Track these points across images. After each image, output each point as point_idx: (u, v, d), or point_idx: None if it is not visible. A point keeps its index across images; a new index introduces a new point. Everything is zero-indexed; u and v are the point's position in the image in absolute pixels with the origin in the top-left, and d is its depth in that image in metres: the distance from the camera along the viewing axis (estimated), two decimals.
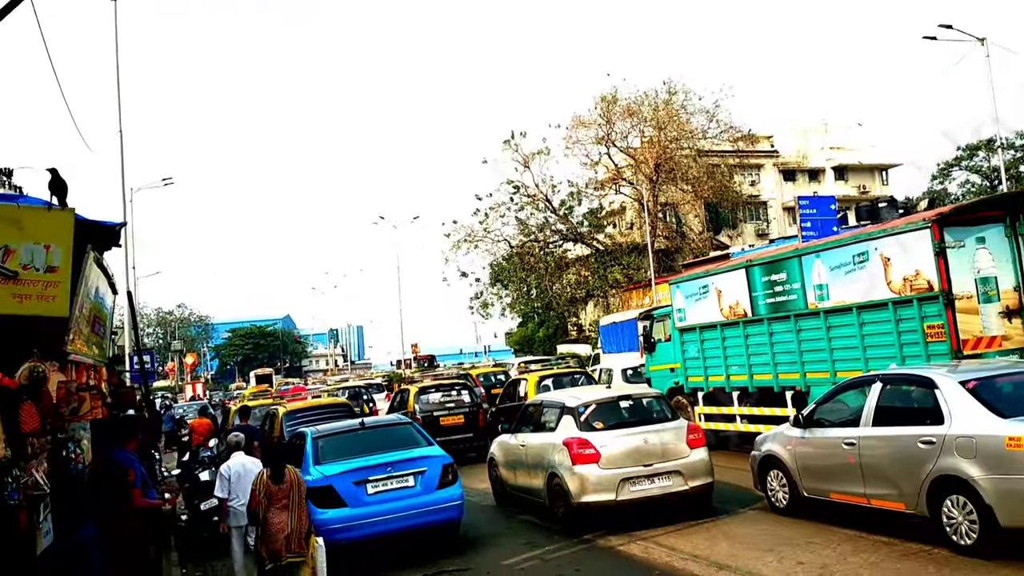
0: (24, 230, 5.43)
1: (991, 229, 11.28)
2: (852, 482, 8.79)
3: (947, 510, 7.69)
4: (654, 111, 44.89)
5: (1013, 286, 11.16)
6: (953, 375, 8.22)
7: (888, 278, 11.67)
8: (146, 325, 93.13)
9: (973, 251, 11.16)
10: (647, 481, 10.04)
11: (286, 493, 7.71)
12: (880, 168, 61.41)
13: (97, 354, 7.77)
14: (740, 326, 14.83)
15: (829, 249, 12.94)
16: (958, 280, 10.93)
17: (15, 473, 5.65)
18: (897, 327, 11.50)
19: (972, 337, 10.83)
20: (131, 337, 24.64)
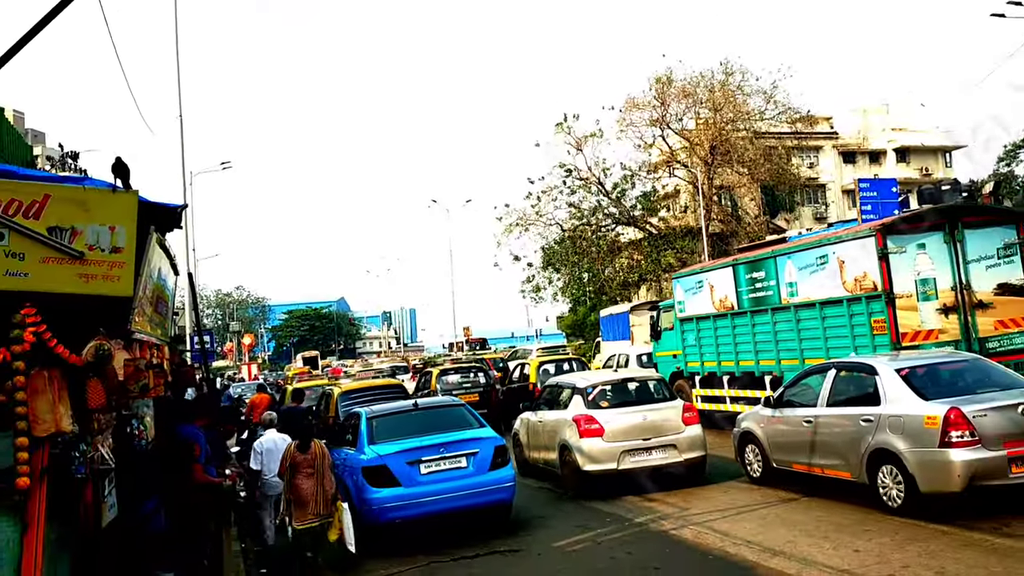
0: (90, 212, 5.55)
1: (931, 236, 12.98)
2: (810, 455, 10.25)
3: (881, 478, 9.06)
4: (710, 92, 44.16)
5: (950, 286, 12.80)
6: (891, 363, 9.64)
7: (843, 278, 13.55)
8: (206, 306, 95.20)
9: (914, 256, 12.87)
10: (645, 453, 11.43)
11: (311, 462, 8.63)
12: (944, 150, 59.60)
13: (160, 333, 7.95)
14: (729, 318, 16.73)
15: (798, 251, 14.81)
16: (899, 281, 12.68)
17: (82, 448, 5.83)
18: (850, 321, 13.32)
19: (911, 331, 12.54)
20: (192, 317, 25.22)
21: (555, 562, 8.56)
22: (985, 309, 12.99)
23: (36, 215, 5.40)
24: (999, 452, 8.22)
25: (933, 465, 8.46)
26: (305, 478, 8.59)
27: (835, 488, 10.00)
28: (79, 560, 6.12)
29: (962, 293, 12.91)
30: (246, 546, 10.39)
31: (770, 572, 7.49)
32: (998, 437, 8.30)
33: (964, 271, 12.97)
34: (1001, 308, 13.02)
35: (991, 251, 13.23)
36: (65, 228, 5.47)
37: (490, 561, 8.83)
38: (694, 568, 7.88)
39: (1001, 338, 12.86)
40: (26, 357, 5.19)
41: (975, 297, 12.97)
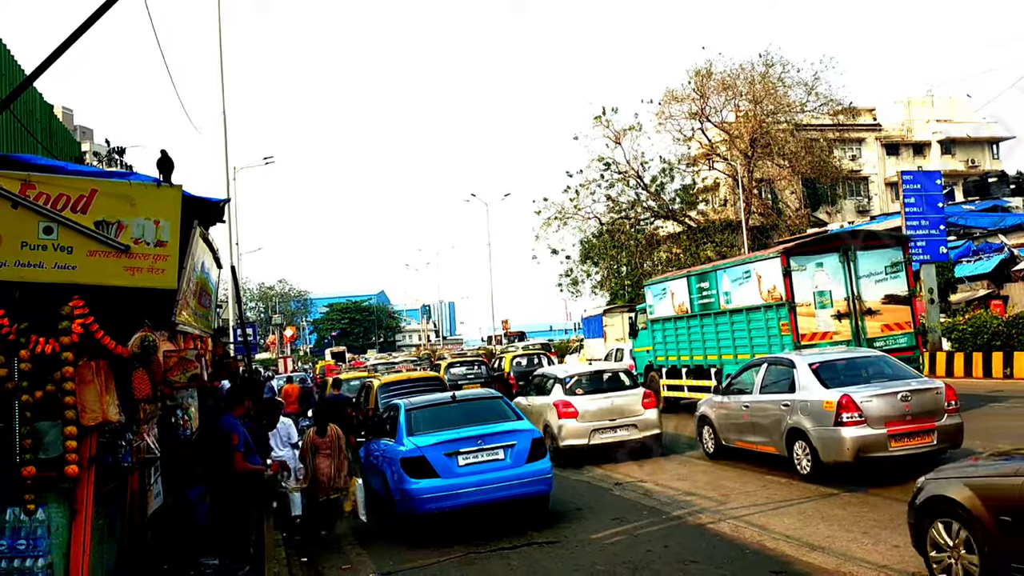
0: (135, 206, 5.66)
1: (829, 256, 16.12)
2: (748, 433, 12.52)
3: (795, 451, 11.21)
4: (750, 84, 43.66)
5: (843, 297, 15.94)
6: (806, 358, 11.86)
7: (761, 289, 16.71)
8: (248, 299, 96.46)
9: (813, 272, 15.96)
10: (612, 431, 14.02)
11: (328, 444, 10.04)
12: (991, 141, 58.24)
13: (203, 325, 8.08)
14: (685, 320, 20.04)
15: (731, 267, 18.23)
16: (800, 292, 15.80)
17: (128, 437, 5.95)
18: (766, 324, 16.49)
19: (808, 332, 15.69)
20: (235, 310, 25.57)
21: (592, 554, 8.55)
22: (873, 315, 16.07)
23: (84, 209, 5.52)
24: (881, 430, 10.28)
25: (830, 440, 10.54)
26: (323, 458, 9.99)
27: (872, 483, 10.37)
28: (126, 546, 6.25)
29: (854, 302, 15.95)
30: (285, 536, 10.52)
31: (808, 567, 7.40)
32: (881, 418, 10.34)
33: (856, 285, 16.03)
34: (887, 315, 16.14)
35: (880, 268, 16.30)
36: (111, 222, 5.59)
37: (528, 553, 8.85)
38: (732, 562, 7.81)
39: (886, 339, 15.85)
40: (74, 348, 5.31)
41: (865, 305, 16.02)
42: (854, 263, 16.13)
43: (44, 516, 5.32)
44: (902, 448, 10.30)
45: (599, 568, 8.06)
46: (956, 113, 57.46)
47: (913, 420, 10.39)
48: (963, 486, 6.05)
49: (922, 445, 10.32)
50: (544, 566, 8.35)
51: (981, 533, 5.76)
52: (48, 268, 5.44)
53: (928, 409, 10.51)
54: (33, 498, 5.27)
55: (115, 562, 6.02)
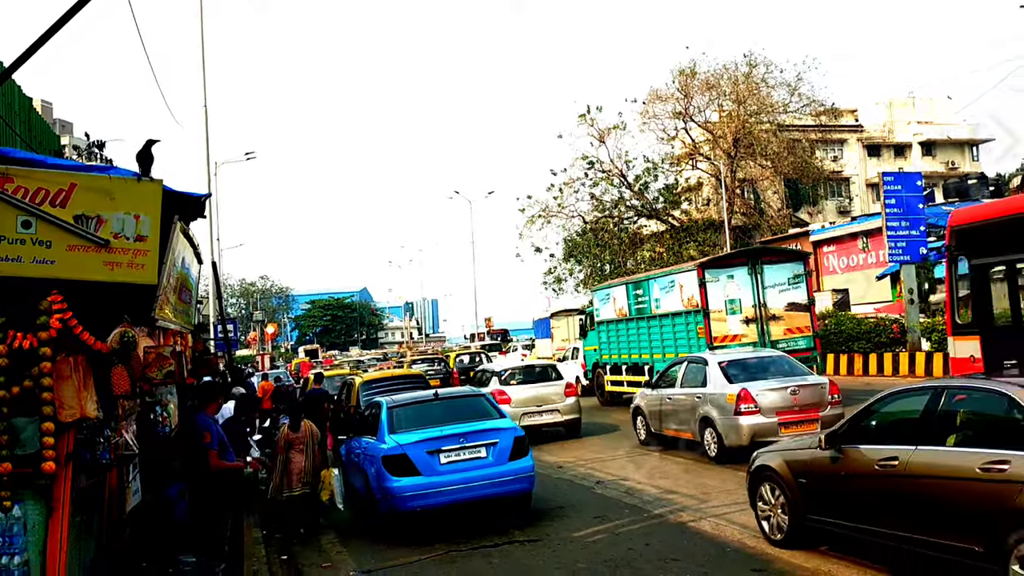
0: (115, 200, 5.59)
1: (739, 269, 18.54)
2: (671, 422, 14.44)
3: (706, 437, 13.02)
4: (734, 84, 43.88)
5: (751, 304, 18.33)
6: (716, 357, 13.91)
7: (682, 297, 19.23)
8: (229, 295, 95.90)
9: (725, 283, 18.36)
10: (538, 415, 16.75)
11: (302, 440, 10.37)
12: (970, 143, 58.80)
13: (183, 321, 8.01)
14: (624, 322, 22.58)
15: (660, 277, 20.83)
16: (713, 300, 18.25)
17: (106, 434, 5.89)
18: (687, 327, 18.96)
19: (720, 335, 18.07)
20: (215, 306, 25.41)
21: (574, 553, 8.57)
22: (777, 320, 18.52)
23: (63, 203, 5.45)
24: (773, 419, 12.06)
25: (731, 427, 12.37)
26: (296, 454, 10.31)
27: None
28: (104, 544, 6.19)
29: (760, 309, 18.36)
30: (266, 534, 10.47)
31: (789, 565, 7.44)
32: (773, 408, 12.15)
33: (762, 294, 18.39)
34: (789, 320, 18.56)
35: (783, 280, 18.71)
36: (91, 216, 5.52)
37: (510, 551, 8.85)
38: (713, 560, 7.84)
39: (788, 341, 18.27)
40: (52, 344, 5.24)
41: (769, 312, 18.44)
42: (761, 275, 18.60)
43: (20, 513, 5.26)
44: (790, 434, 11.58)
45: (581, 566, 8.08)
46: (937, 115, 57.99)
47: (800, 411, 12.23)
48: (778, 457, 8.07)
49: (808, 432, 11.20)
50: (526, 564, 8.35)
51: (787, 492, 7.80)
52: (26, 263, 5.37)
53: (814, 401, 12.37)
54: (9, 495, 5.20)
55: (93, 559, 5.96)
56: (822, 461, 7.38)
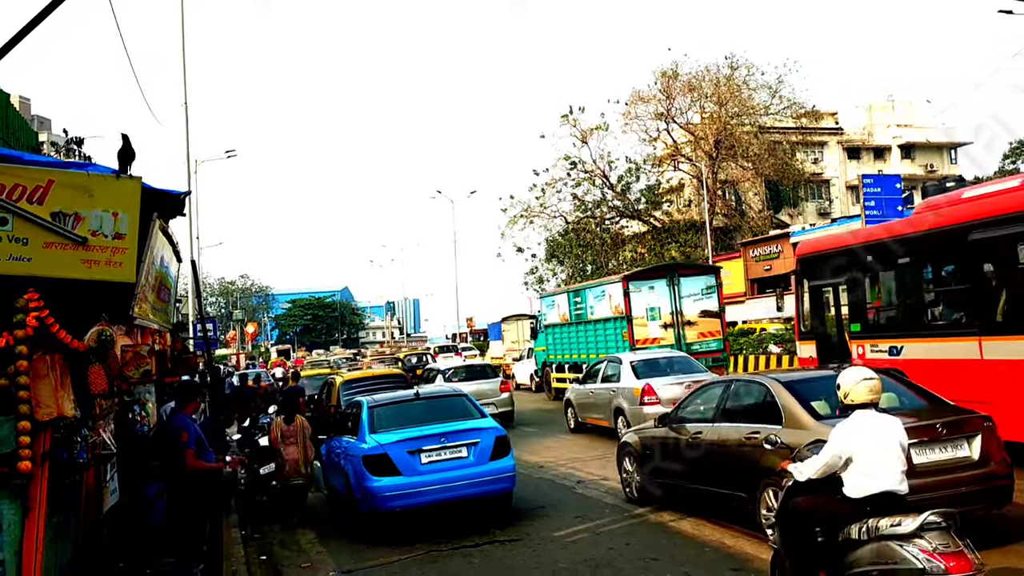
0: (93, 197, 5.54)
1: (659, 281, 21.45)
2: (593, 412, 17.04)
3: (618, 424, 15.15)
4: (715, 86, 44.12)
5: (669, 312, 21.14)
6: (629, 357, 16.55)
7: (611, 305, 21.99)
8: (209, 294, 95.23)
9: (646, 293, 21.15)
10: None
11: (294, 433, 11.12)
12: (949, 146, 59.44)
13: (162, 320, 7.96)
14: (566, 326, 25.60)
15: (595, 287, 23.81)
16: (636, 308, 21.03)
17: (84, 433, 5.84)
18: (615, 331, 21.76)
19: (641, 338, 20.78)
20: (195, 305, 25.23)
21: (554, 552, 8.58)
22: (692, 325, 21.27)
23: (40, 200, 5.40)
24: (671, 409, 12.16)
25: (637, 416, 14.13)
26: (288, 446, 11.06)
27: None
28: (80, 545, 6.14)
29: (677, 316, 21.16)
30: (246, 534, 10.42)
31: (767, 564, 7.48)
32: (671, 400, 12.96)
33: (679, 302, 21.22)
34: (702, 325, 21.34)
35: (698, 290, 21.51)
36: (68, 214, 5.48)
37: (490, 551, 8.85)
38: (692, 560, 7.87)
39: (701, 343, 21.18)
40: (29, 342, 5.20)
41: (685, 318, 21.24)
42: (678, 286, 21.38)
43: None
44: None
45: (561, 566, 8.09)
46: (916, 118, 58.55)
47: None
48: (635, 435, 10.67)
49: None
50: (506, 564, 8.36)
51: (638, 461, 10.25)
52: (2, 260, 5.31)
53: None
54: None
55: (69, 560, 5.91)
56: (660, 437, 9.84)
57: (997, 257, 10.94)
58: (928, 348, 11.73)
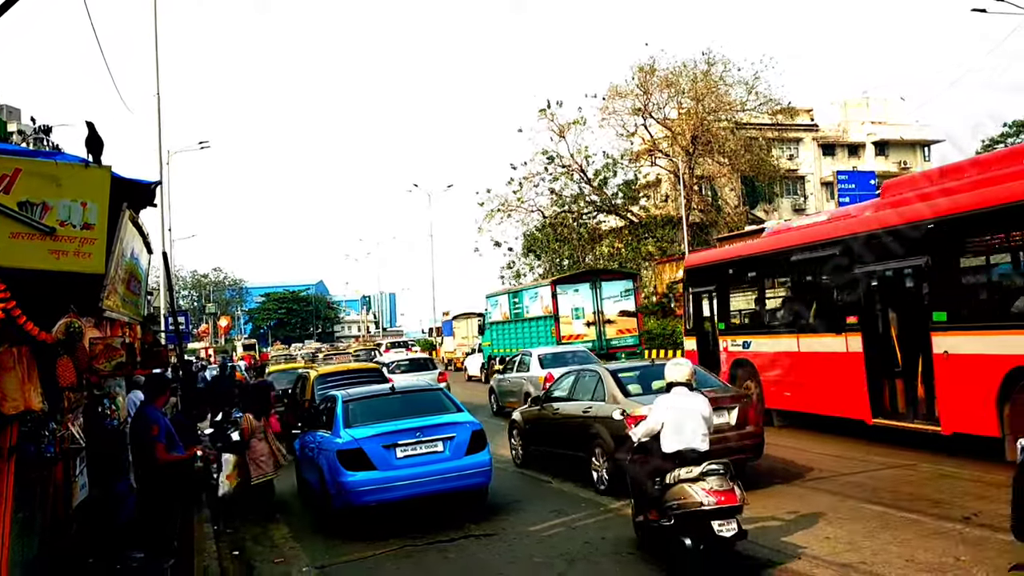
0: (62, 187, 5.44)
1: (583, 284, 25.45)
2: (509, 397, 19.61)
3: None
4: (692, 82, 44.23)
5: (592, 311, 24.87)
6: (536, 351, 19.68)
7: (543, 306, 25.74)
8: (181, 287, 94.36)
9: (572, 295, 24.96)
10: None
11: (263, 428, 11.11)
12: (922, 144, 60.12)
13: (132, 312, 7.85)
14: (507, 324, 29.47)
15: (530, 289, 27.90)
16: (563, 308, 24.93)
17: (52, 427, 5.75)
18: (545, 328, 25.44)
19: (567, 335, 24.49)
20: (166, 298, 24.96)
21: (530, 546, 8.58)
22: (611, 324, 24.84)
23: (6, 190, 5.29)
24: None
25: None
26: (258, 441, 10.98)
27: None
28: (48, 540, 6.05)
29: (598, 315, 24.86)
30: (218, 529, 10.33)
31: (739, 557, 7.52)
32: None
33: (600, 303, 25.00)
34: (620, 323, 25.10)
35: (617, 293, 25.24)
36: (36, 203, 5.37)
37: (465, 545, 8.83)
38: (665, 553, 7.88)
39: (619, 339, 24.97)
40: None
41: (605, 317, 24.87)
42: (599, 289, 25.18)
43: None
44: None
45: (536, 560, 8.09)
46: (890, 115, 59.15)
47: None
48: (519, 413, 13.54)
49: None
50: (481, 559, 8.35)
51: (522, 434, 13.19)
52: None
53: None
54: None
55: (36, 556, 5.82)
56: (535, 413, 12.69)
57: (809, 274, 14.06)
58: (767, 342, 14.94)
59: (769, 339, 14.84)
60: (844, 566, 7.00)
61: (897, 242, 11.59)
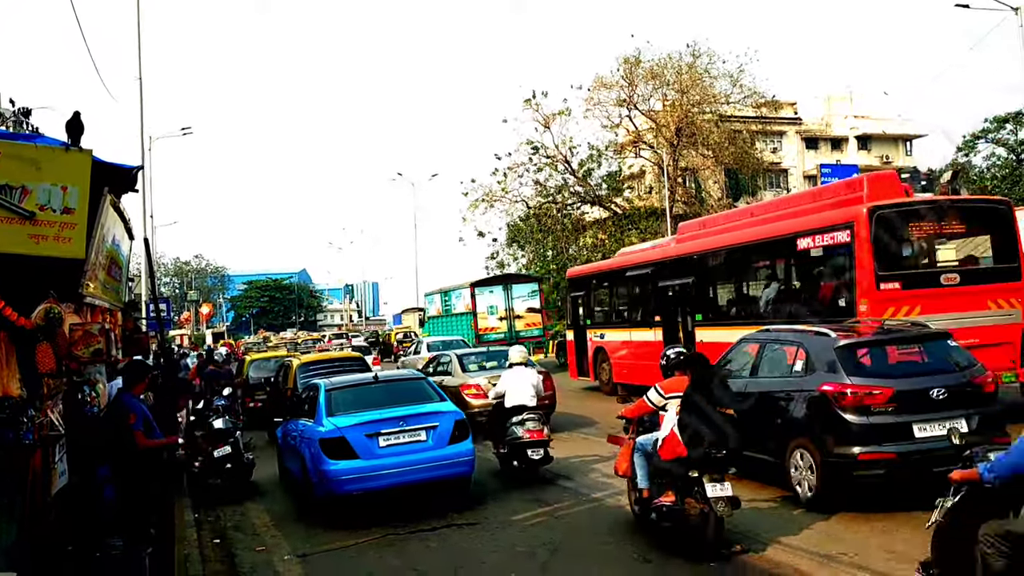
0: (41, 170, 5.36)
1: (497, 287, 31.22)
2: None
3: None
4: (677, 74, 44.20)
5: (504, 309, 30.51)
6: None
7: (466, 303, 31.03)
8: (163, 274, 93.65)
9: (488, 295, 30.65)
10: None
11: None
12: (904, 138, 60.51)
13: (113, 298, 7.77)
14: (441, 318, 35.43)
15: (455, 290, 33.09)
16: (480, 306, 30.56)
17: (31, 413, 5.68)
18: (466, 323, 30.64)
19: (484, 328, 30.14)
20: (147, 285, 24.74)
21: (512, 536, 8.59)
22: (520, 319, 30.70)
23: None
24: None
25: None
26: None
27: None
28: (27, 527, 5.98)
29: (509, 311, 30.59)
30: (199, 517, 10.28)
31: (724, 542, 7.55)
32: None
33: (511, 302, 30.79)
34: (527, 318, 31.05)
35: (525, 293, 31.29)
36: (15, 187, 5.29)
37: (447, 534, 8.83)
38: (649, 543, 7.91)
39: (527, 331, 30.64)
40: None
41: (515, 313, 30.71)
42: (510, 290, 31.10)
43: None
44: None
45: (519, 549, 8.10)
46: (873, 110, 59.45)
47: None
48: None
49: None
50: (463, 548, 8.34)
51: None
52: None
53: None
54: None
55: (15, 542, 5.75)
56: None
57: (636, 285, 19.57)
58: (613, 334, 20.03)
59: (614, 331, 20.00)
60: (826, 556, 7.05)
61: (679, 267, 17.14)
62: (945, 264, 13.05)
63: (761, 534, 7.77)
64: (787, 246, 13.79)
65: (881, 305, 11.88)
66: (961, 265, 13.02)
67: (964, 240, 13.33)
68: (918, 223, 12.54)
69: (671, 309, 17.31)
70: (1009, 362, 12.05)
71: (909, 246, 12.78)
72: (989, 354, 11.16)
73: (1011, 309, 12.40)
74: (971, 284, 12.41)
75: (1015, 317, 12.38)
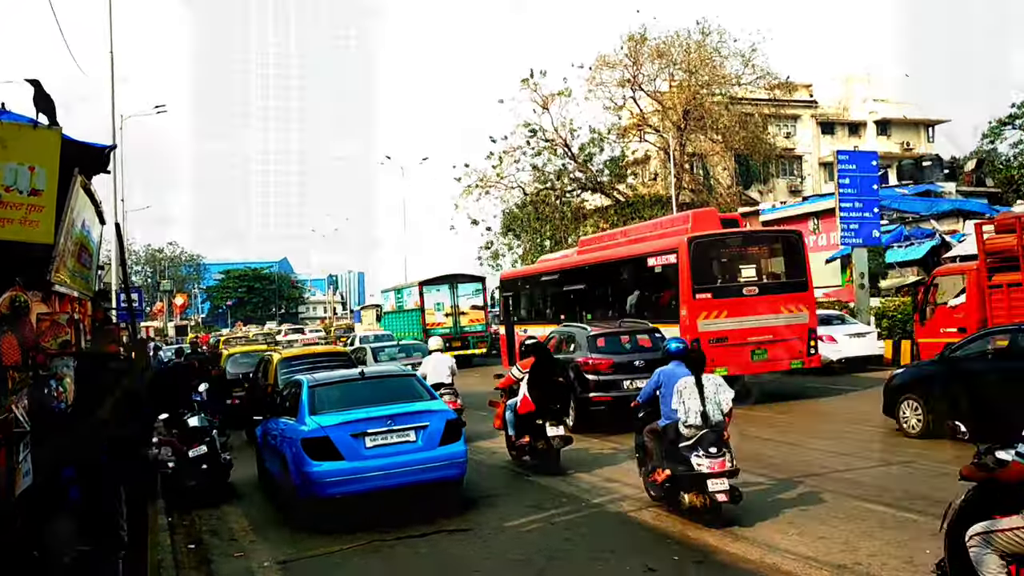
0: (7, 149, 5.34)
1: (444, 286, 35.11)
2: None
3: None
4: (685, 53, 44.17)
5: (450, 306, 34.73)
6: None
7: (415, 300, 35.71)
8: (134, 262, 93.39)
9: (435, 293, 34.86)
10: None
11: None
12: (927, 124, 60.37)
13: (83, 287, 7.75)
14: (395, 314, 40.11)
15: (407, 288, 38.31)
16: (428, 303, 34.78)
17: None
18: (416, 318, 35.18)
19: (431, 323, 34.19)
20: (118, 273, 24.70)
21: (506, 543, 8.60)
22: (464, 315, 34.46)
23: None
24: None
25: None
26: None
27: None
28: None
29: (455, 308, 34.41)
30: (172, 520, 10.27)
31: (732, 557, 7.60)
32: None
33: (457, 300, 34.55)
34: (471, 315, 34.78)
35: (470, 292, 35.03)
36: None
37: (437, 541, 8.83)
38: (653, 551, 7.95)
39: (471, 327, 34.54)
40: None
41: (460, 310, 34.44)
42: (456, 289, 34.71)
43: None
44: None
45: (513, 557, 8.12)
46: (893, 93, 59.24)
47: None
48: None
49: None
50: (454, 555, 8.35)
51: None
52: None
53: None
54: None
55: None
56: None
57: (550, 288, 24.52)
58: (536, 330, 21.23)
59: (537, 327, 22.31)
60: (839, 567, 7.08)
61: (575, 275, 22.59)
62: (747, 279, 17.43)
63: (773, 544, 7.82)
64: (642, 263, 18.73)
65: (696, 310, 16.62)
66: (759, 279, 17.62)
67: (768, 260, 18.31)
68: (727, 249, 17.79)
69: (573, 308, 22.35)
70: (797, 352, 17.05)
71: (719, 266, 17.53)
72: (783, 346, 16.94)
73: (799, 313, 17.16)
74: (768, 294, 17.18)
75: (803, 319, 17.12)
